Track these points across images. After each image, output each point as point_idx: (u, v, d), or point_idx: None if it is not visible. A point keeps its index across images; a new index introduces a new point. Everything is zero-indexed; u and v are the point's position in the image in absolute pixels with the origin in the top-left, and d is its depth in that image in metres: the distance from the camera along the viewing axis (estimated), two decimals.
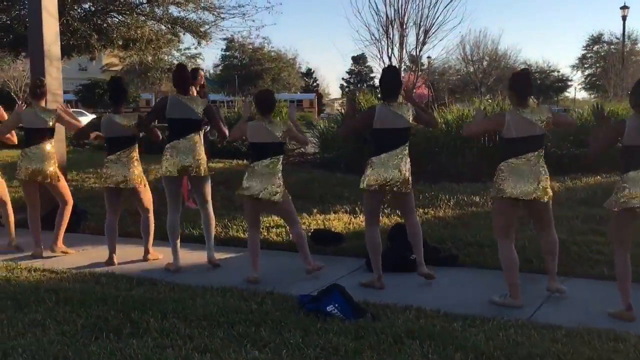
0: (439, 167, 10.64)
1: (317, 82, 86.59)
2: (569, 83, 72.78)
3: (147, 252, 6.97)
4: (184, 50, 42.66)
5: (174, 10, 19.66)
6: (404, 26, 11.33)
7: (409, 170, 5.72)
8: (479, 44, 63.07)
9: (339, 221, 8.04)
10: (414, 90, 12.09)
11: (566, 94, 74.04)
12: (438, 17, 11.83)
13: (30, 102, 7.30)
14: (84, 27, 17.57)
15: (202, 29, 19.43)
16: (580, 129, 10.82)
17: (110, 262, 6.74)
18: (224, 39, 24.57)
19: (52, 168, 7.09)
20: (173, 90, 6.61)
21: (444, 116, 11.88)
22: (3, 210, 7.65)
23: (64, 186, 7.30)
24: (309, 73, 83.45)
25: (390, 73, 5.90)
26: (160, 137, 6.82)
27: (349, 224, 7.90)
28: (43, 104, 7.30)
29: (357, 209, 8.52)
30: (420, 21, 11.47)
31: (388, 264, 5.98)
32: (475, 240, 6.91)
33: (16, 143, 7.70)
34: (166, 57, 40.42)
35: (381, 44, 11.84)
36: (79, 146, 17.38)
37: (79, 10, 18.55)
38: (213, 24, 19.16)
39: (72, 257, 7.06)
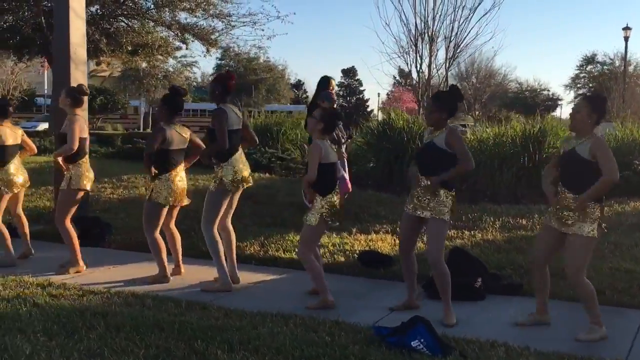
0: (474, 187, 10.25)
1: (307, 93, 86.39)
2: (559, 102, 73.22)
3: (178, 267, 6.61)
4: (180, 57, 42.24)
5: (182, 17, 19.30)
6: (434, 40, 11.01)
7: None
8: (473, 61, 63.39)
9: (383, 242, 7.65)
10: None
11: (555, 113, 74.54)
12: (469, 32, 11.50)
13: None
14: (92, 31, 17.10)
15: (212, 37, 19.00)
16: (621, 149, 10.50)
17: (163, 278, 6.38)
18: (220, 50, 23.93)
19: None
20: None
21: (479, 134, 11.52)
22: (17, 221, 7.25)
23: None
24: (298, 85, 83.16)
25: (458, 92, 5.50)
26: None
27: (395, 245, 7.51)
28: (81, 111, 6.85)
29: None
30: (451, 35, 11.13)
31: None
32: None
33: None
34: (161, 65, 39.96)
35: (410, 57, 11.49)
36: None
37: (87, 13, 18.06)
38: (223, 31, 18.74)
39: (103, 274, 6.61)
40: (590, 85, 65.65)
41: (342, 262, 6.94)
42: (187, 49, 20.21)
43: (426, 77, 11.49)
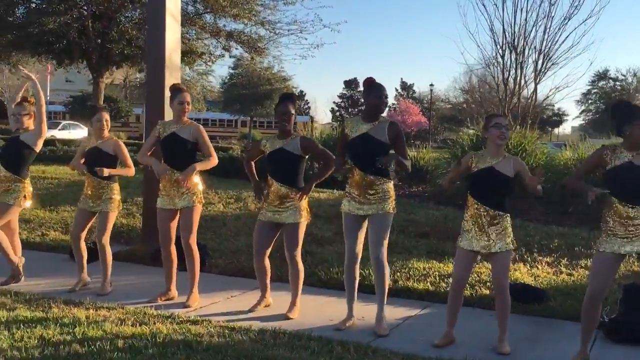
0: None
1: (309, 104, 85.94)
2: (564, 118, 72.94)
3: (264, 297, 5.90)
4: (195, 66, 41.62)
5: (223, 23, 18.64)
6: (524, 51, 10.38)
7: None
8: (486, 75, 62.87)
9: (518, 271, 6.97)
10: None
11: (561, 128, 74.41)
12: (563, 42, 10.83)
13: None
14: (139, 35, 16.41)
15: (259, 44, 18.32)
16: None
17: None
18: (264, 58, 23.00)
19: None
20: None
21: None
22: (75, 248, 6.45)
23: None
24: (300, 96, 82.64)
25: None
26: None
27: (545, 277, 6.84)
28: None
29: (527, 256, 7.50)
30: (542, 46, 10.49)
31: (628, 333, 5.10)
32: None
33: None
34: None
35: (496, 68, 10.86)
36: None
37: (128, 16, 17.41)
38: (270, 39, 18.07)
39: (225, 305, 5.92)
40: (602, 101, 65.33)
41: (486, 294, 6.26)
42: (230, 56, 19.57)
43: (512, 90, 10.82)
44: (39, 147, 6.47)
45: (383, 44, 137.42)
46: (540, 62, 10.94)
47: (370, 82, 5.32)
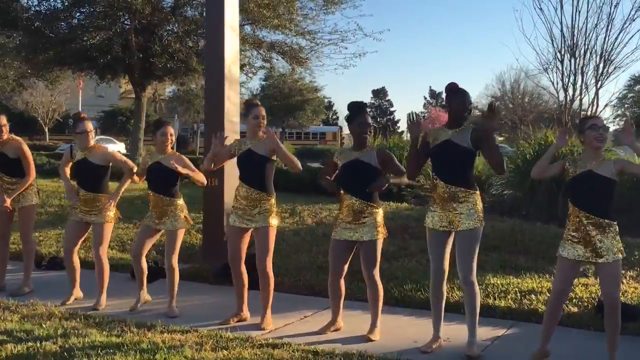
0: None
1: (337, 114, 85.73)
2: None
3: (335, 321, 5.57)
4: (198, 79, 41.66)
5: (263, 34, 18.49)
6: (585, 54, 10.01)
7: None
8: (519, 81, 62.23)
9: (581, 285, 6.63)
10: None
11: None
12: (625, 46, 10.42)
13: None
14: (182, 48, 16.30)
15: (300, 55, 18.09)
16: None
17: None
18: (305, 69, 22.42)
19: None
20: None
21: None
22: (136, 266, 6.29)
23: None
24: (329, 106, 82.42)
25: None
26: None
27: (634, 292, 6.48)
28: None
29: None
30: (604, 50, 10.11)
31: None
32: None
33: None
34: None
35: (554, 73, 10.51)
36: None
37: (169, 29, 17.27)
38: (312, 50, 17.84)
39: (302, 327, 5.68)
40: (637, 106, 63.91)
41: (574, 312, 5.92)
42: (271, 68, 19.35)
43: (572, 96, 10.45)
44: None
45: (411, 53, 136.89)
46: (601, 66, 10.52)
47: (453, 88, 5.05)
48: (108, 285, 6.29)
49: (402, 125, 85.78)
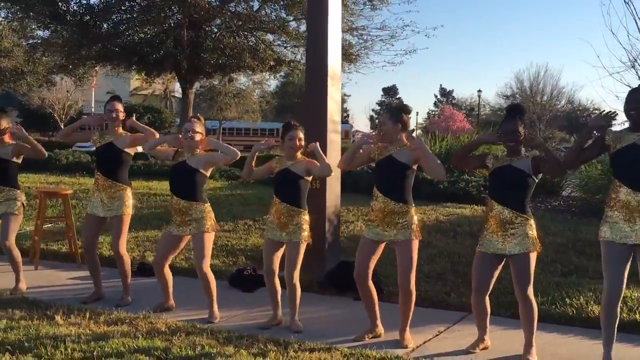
0: None
1: (348, 112, 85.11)
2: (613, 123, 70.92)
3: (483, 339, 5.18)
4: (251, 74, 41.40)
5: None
6: None
7: None
8: (539, 79, 61.66)
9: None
10: None
11: None
12: None
13: None
14: (235, 43, 15.90)
15: (351, 51, 17.64)
16: None
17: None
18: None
19: None
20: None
21: None
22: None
23: None
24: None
25: None
26: None
27: None
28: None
29: None
30: None
31: None
32: None
33: None
34: (235, 83, 39.15)
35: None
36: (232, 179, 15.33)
37: (219, 23, 16.85)
38: (362, 47, 17.41)
39: (443, 344, 5.29)
40: None
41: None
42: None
43: None
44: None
45: (421, 51, 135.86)
46: None
47: (637, 91, 4.62)
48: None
49: (412, 123, 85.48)
